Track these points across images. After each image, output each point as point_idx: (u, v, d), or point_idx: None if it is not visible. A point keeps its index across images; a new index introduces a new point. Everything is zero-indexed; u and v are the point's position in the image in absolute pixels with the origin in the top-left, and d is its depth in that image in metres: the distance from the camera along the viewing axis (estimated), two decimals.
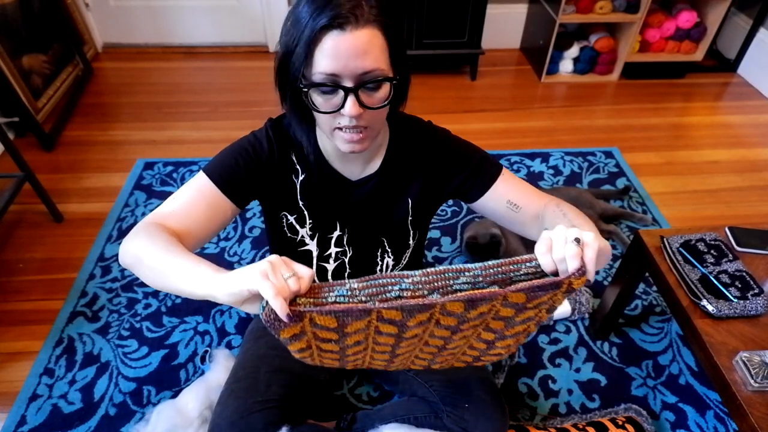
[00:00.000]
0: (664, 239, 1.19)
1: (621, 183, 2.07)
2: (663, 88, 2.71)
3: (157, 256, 0.73)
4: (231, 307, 1.55)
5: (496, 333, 0.73)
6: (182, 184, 1.97)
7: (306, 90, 0.75)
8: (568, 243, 0.62)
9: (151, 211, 2.03)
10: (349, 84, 0.74)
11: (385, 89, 0.77)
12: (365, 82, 0.74)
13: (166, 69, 2.74)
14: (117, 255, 1.70)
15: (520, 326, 0.72)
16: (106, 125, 2.32)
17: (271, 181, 0.92)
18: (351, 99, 0.74)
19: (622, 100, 2.61)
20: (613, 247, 1.79)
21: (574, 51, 2.70)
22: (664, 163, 2.21)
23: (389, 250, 1.01)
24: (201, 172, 0.88)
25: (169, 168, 2.07)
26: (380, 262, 1.02)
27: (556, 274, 0.63)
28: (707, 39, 2.67)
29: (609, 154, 2.22)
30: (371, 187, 0.96)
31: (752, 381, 0.93)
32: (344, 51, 0.71)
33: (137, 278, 1.63)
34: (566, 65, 2.74)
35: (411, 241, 1.03)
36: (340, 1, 0.70)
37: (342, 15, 0.69)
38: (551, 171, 2.12)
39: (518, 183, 0.97)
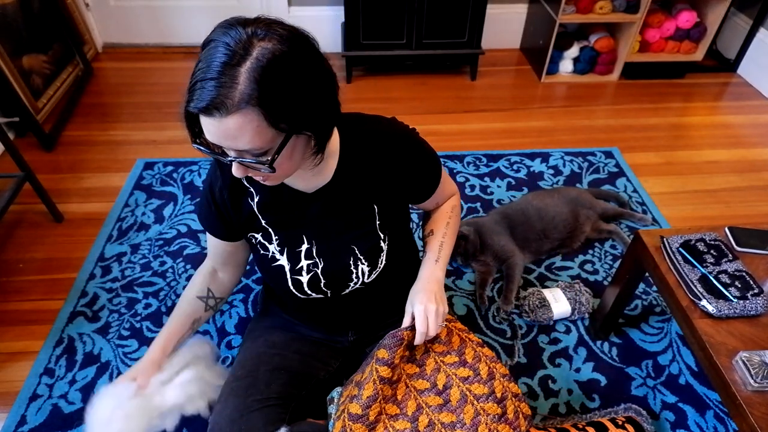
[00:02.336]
0: (664, 239, 1.19)
1: (621, 183, 2.07)
2: (663, 88, 2.71)
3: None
4: (231, 307, 1.56)
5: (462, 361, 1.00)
6: (182, 184, 1.99)
7: (201, 149, 0.78)
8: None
9: (151, 210, 2.03)
10: (231, 154, 0.75)
11: (268, 158, 0.75)
12: (244, 157, 0.75)
13: (166, 69, 2.74)
14: (117, 255, 1.71)
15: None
16: (106, 125, 2.32)
17: (233, 209, 0.96)
18: (235, 164, 0.77)
19: (622, 100, 2.61)
20: (614, 246, 1.79)
21: (574, 51, 2.70)
22: (664, 163, 2.21)
23: (361, 257, 0.99)
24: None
25: (169, 168, 2.07)
26: (354, 270, 0.99)
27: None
28: (707, 39, 2.68)
29: (609, 154, 2.22)
30: (328, 198, 0.95)
31: (752, 381, 0.93)
32: (215, 134, 0.71)
33: (137, 278, 1.64)
34: (566, 65, 2.74)
35: (383, 245, 1.00)
36: (207, 87, 0.67)
37: (207, 108, 0.68)
38: (551, 171, 2.12)
39: (444, 181, 1.09)
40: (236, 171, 0.78)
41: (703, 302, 1.05)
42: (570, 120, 2.46)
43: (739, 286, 1.07)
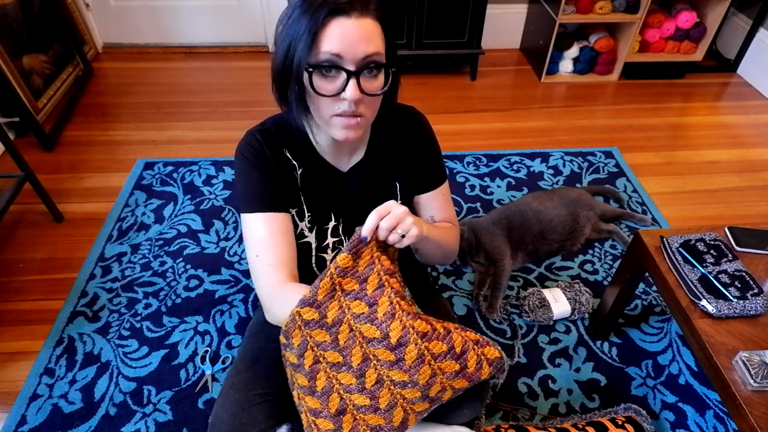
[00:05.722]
0: (664, 239, 1.19)
1: (621, 183, 2.07)
2: (663, 88, 2.72)
3: None
4: (231, 307, 1.56)
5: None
6: (182, 184, 1.99)
7: (311, 71, 0.79)
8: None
9: (151, 210, 2.02)
10: (351, 68, 0.79)
11: (382, 78, 0.83)
12: (366, 66, 0.80)
13: (166, 69, 2.74)
14: (117, 255, 1.71)
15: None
16: (106, 125, 2.32)
17: (281, 176, 0.97)
18: (352, 82, 0.79)
19: (621, 100, 2.61)
20: (614, 246, 1.79)
21: (573, 51, 2.70)
22: (664, 163, 2.21)
23: None
24: (244, 215, 0.95)
25: (169, 168, 2.07)
26: None
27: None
28: (707, 39, 2.68)
29: (609, 154, 2.22)
30: (361, 175, 1.01)
31: (752, 381, 0.93)
32: (349, 35, 0.76)
33: (137, 278, 1.64)
34: (566, 65, 2.74)
35: None
36: None
37: (346, 3, 0.75)
38: (551, 171, 2.12)
39: (448, 199, 1.11)
40: (353, 92, 0.79)
41: (703, 302, 1.05)
42: (570, 120, 2.46)
43: (739, 286, 1.07)
